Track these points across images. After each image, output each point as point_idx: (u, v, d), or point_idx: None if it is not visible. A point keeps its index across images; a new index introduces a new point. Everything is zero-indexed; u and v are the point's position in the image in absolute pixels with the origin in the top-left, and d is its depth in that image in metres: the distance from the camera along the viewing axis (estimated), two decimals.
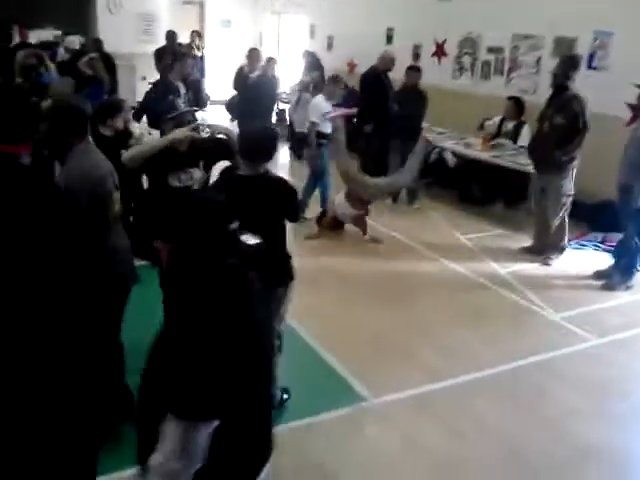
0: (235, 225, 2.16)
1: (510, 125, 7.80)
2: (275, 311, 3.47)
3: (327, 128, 6.69)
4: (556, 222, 6.14)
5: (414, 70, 7.69)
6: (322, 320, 4.82)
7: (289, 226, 3.56)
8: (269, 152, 3.37)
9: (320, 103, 6.78)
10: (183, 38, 12.21)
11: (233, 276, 2.11)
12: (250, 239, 2.48)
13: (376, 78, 7.83)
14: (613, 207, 6.26)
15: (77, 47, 9.58)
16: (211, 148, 4.05)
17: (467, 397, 3.97)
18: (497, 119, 7.96)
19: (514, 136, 7.74)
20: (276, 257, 3.42)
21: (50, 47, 9.56)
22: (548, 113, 6.02)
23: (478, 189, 7.98)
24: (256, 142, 3.33)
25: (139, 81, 11.85)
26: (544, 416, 3.82)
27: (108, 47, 10.79)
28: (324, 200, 6.94)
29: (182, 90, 6.31)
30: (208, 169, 4.04)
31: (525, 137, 7.45)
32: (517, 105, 7.74)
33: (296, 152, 9.68)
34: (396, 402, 3.88)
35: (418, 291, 5.50)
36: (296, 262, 3.58)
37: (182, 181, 3.82)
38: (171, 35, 10.30)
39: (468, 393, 4.02)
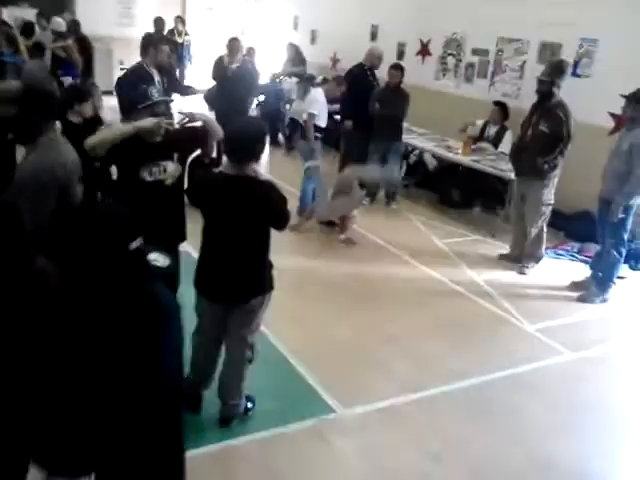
0: (138, 244, 1.88)
1: (493, 130, 7.75)
2: (249, 322, 3.34)
3: (323, 122, 6.71)
4: (534, 231, 6.07)
5: (397, 69, 7.52)
6: (292, 326, 4.68)
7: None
8: (257, 152, 3.18)
9: (320, 97, 6.73)
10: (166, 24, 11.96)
11: (135, 296, 1.85)
12: (159, 259, 2.16)
13: (363, 75, 7.66)
14: (591, 217, 6.23)
15: (64, 30, 9.29)
16: (187, 139, 3.79)
17: (436, 410, 3.87)
18: (480, 123, 7.89)
19: (496, 141, 7.68)
20: (255, 265, 3.28)
21: (31, 30, 9.26)
22: (532, 120, 5.94)
23: (457, 193, 7.90)
24: (243, 140, 3.12)
25: (117, 66, 11.57)
26: (513, 432, 3.73)
27: (85, 29, 10.53)
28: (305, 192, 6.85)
29: (156, 78, 6.08)
30: (183, 162, 3.81)
31: (507, 143, 7.40)
32: (502, 110, 7.69)
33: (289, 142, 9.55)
34: (364, 414, 3.76)
35: (392, 297, 5.38)
36: (274, 262, 3.44)
37: (154, 174, 3.58)
38: (158, 21, 10.04)
39: (437, 406, 3.92)
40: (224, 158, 3.31)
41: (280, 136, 10.33)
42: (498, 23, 8.09)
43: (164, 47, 6.39)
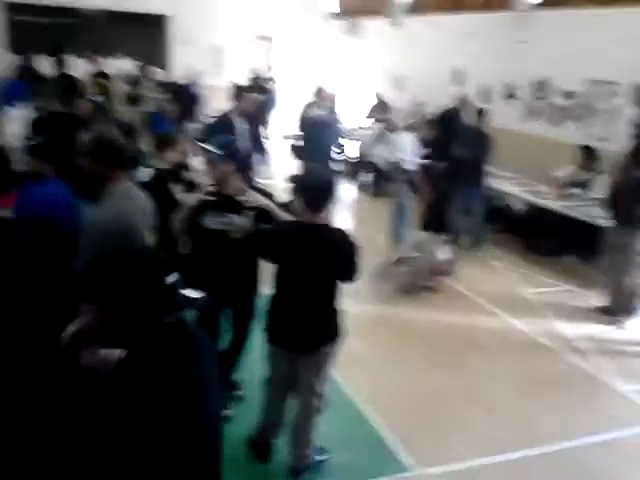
0: (173, 279, 1.88)
1: (583, 175, 7.39)
2: (318, 370, 3.26)
3: (410, 165, 6.87)
4: (631, 282, 5.67)
5: (480, 113, 7.40)
6: (370, 375, 4.55)
7: None
8: (332, 200, 3.18)
9: (408, 142, 6.97)
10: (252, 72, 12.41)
11: (174, 336, 1.82)
12: (192, 293, 2.13)
13: (454, 119, 7.78)
14: None
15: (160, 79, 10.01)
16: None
17: (519, 476, 3.59)
18: (570, 168, 7.56)
19: (588, 186, 7.31)
20: (326, 313, 3.22)
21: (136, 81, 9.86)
22: (627, 165, 5.62)
23: (547, 240, 7.54)
24: (322, 190, 3.13)
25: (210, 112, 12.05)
26: None
27: (181, 79, 11.09)
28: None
29: (240, 126, 6.22)
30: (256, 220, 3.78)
31: (600, 188, 7.03)
32: (588, 154, 7.32)
33: (375, 187, 9.83)
34: (442, 475, 3.55)
35: (475, 350, 5.13)
36: (345, 308, 3.36)
37: (218, 224, 3.57)
38: (253, 70, 10.34)
39: (521, 471, 3.65)
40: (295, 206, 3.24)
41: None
42: (588, 64, 7.81)
43: (252, 95, 6.51)
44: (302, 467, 3.39)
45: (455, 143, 7.42)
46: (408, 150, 6.80)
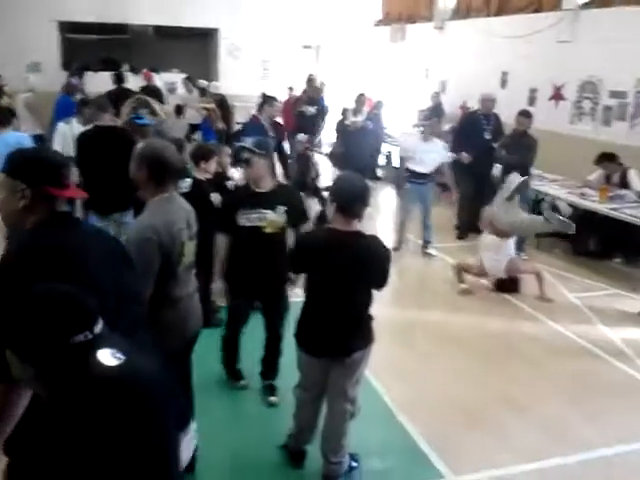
0: (89, 335, 1.52)
1: (616, 176, 7.26)
2: (350, 375, 3.28)
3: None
4: None
5: (524, 116, 7.32)
6: (405, 380, 4.55)
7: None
8: (363, 206, 3.13)
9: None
10: (300, 81, 12.54)
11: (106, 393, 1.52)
12: (112, 357, 1.56)
13: (473, 120, 8.11)
14: None
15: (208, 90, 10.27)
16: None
17: None
18: (599, 172, 7.44)
19: (624, 185, 7.19)
20: (359, 319, 3.25)
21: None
22: None
23: (594, 242, 7.38)
24: (358, 198, 3.10)
25: None
26: None
27: (228, 90, 11.33)
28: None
29: (271, 133, 6.55)
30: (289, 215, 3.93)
31: (636, 181, 7.05)
32: (611, 160, 7.30)
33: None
34: None
35: (515, 355, 5.07)
36: (383, 312, 3.38)
37: (252, 221, 3.79)
38: (310, 80, 10.45)
39: (556, 478, 3.58)
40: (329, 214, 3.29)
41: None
42: (636, 63, 7.60)
43: (276, 103, 6.80)
44: (335, 474, 3.40)
45: (500, 147, 7.41)
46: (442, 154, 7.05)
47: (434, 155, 7.06)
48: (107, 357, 1.54)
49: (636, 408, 4.35)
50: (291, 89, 12.42)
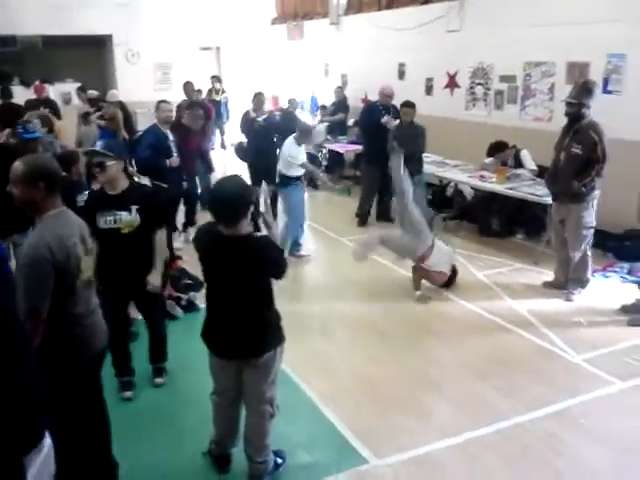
0: None
1: (510, 158, 7.65)
2: (265, 376, 3.26)
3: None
4: (578, 255, 5.82)
5: (407, 106, 7.54)
6: (325, 372, 4.60)
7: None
8: (242, 212, 3.03)
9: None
10: (202, 83, 12.38)
11: None
12: None
13: (371, 110, 8.32)
14: None
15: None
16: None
17: (479, 455, 3.67)
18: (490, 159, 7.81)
19: (519, 164, 7.57)
20: (261, 319, 3.23)
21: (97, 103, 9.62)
22: (564, 142, 5.77)
23: (497, 222, 7.71)
24: (226, 204, 3.01)
25: None
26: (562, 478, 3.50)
27: (127, 97, 11.01)
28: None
29: (170, 137, 6.57)
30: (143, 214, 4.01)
31: (529, 160, 7.48)
32: (499, 151, 7.73)
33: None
34: (400, 464, 3.61)
35: (429, 335, 5.23)
36: (296, 308, 3.39)
37: (108, 223, 3.93)
38: (186, 85, 10.26)
39: (480, 451, 3.72)
40: None
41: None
42: (523, 48, 7.99)
43: (163, 105, 6.71)
44: (261, 473, 3.40)
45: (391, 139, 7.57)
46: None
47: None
48: None
49: (544, 374, 4.58)
50: (200, 91, 12.23)
